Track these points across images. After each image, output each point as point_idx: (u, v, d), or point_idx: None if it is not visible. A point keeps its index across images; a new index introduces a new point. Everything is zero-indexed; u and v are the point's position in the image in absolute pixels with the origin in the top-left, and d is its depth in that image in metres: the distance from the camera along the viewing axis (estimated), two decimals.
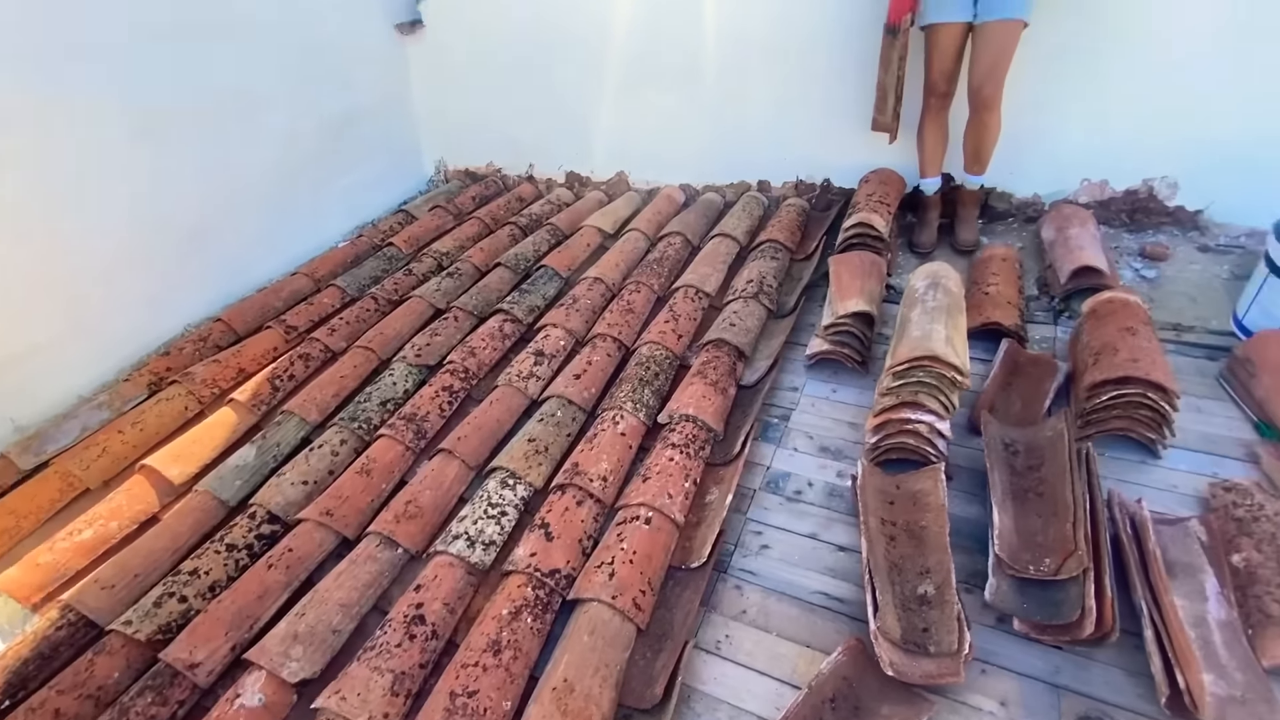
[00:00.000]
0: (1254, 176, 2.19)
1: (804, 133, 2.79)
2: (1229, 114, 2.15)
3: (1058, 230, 2.24)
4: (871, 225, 2.26)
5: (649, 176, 3.15)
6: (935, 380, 1.54)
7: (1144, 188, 2.37)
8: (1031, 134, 2.40)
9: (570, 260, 2.61)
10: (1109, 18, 2.17)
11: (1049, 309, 2.13)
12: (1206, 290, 2.11)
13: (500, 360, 2.17)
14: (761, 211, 2.82)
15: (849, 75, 2.54)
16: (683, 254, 2.59)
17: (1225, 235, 2.29)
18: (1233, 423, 1.68)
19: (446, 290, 2.51)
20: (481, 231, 2.97)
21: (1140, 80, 2.23)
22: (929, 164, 2.44)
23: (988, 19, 2.08)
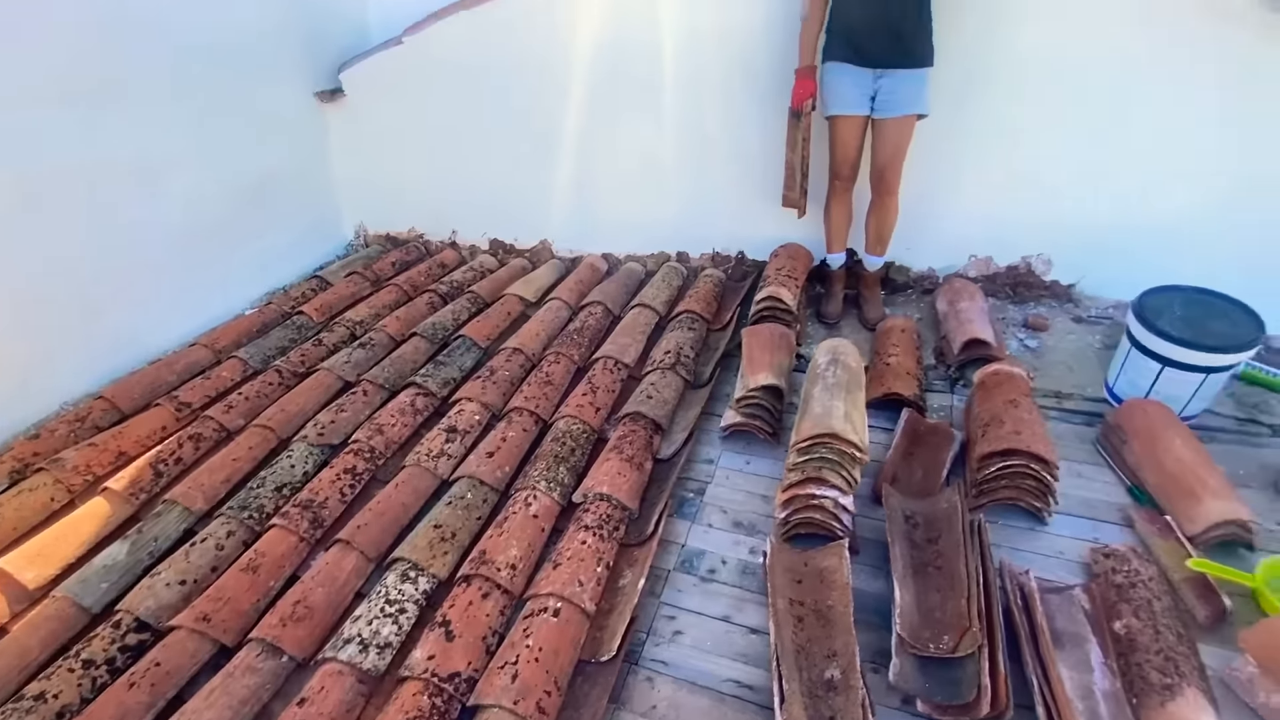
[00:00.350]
0: (1114, 255, 2.44)
1: (720, 207, 2.92)
2: (1085, 200, 2.41)
3: (950, 303, 2.41)
4: (780, 299, 2.36)
5: (572, 245, 3.20)
6: (837, 456, 1.59)
7: (1023, 264, 2.59)
8: (926, 214, 2.60)
9: (490, 330, 2.58)
10: (989, 113, 2.42)
11: (945, 378, 2.26)
12: (1082, 359, 2.30)
13: (411, 437, 2.09)
14: (680, 282, 2.90)
15: (761, 154, 2.68)
16: (603, 323, 2.62)
17: (1096, 307, 2.52)
18: (1110, 487, 1.81)
19: (357, 362, 2.42)
20: (399, 299, 2.91)
21: (1015, 168, 2.47)
22: (834, 241, 2.59)
23: (885, 115, 2.28)
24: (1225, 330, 1.86)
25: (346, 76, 3.13)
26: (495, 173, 3.13)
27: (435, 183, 3.24)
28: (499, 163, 3.11)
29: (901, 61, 2.19)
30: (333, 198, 3.40)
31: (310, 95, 3.16)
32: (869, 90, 2.26)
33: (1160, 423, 1.79)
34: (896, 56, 2.19)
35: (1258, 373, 2.13)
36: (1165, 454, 1.71)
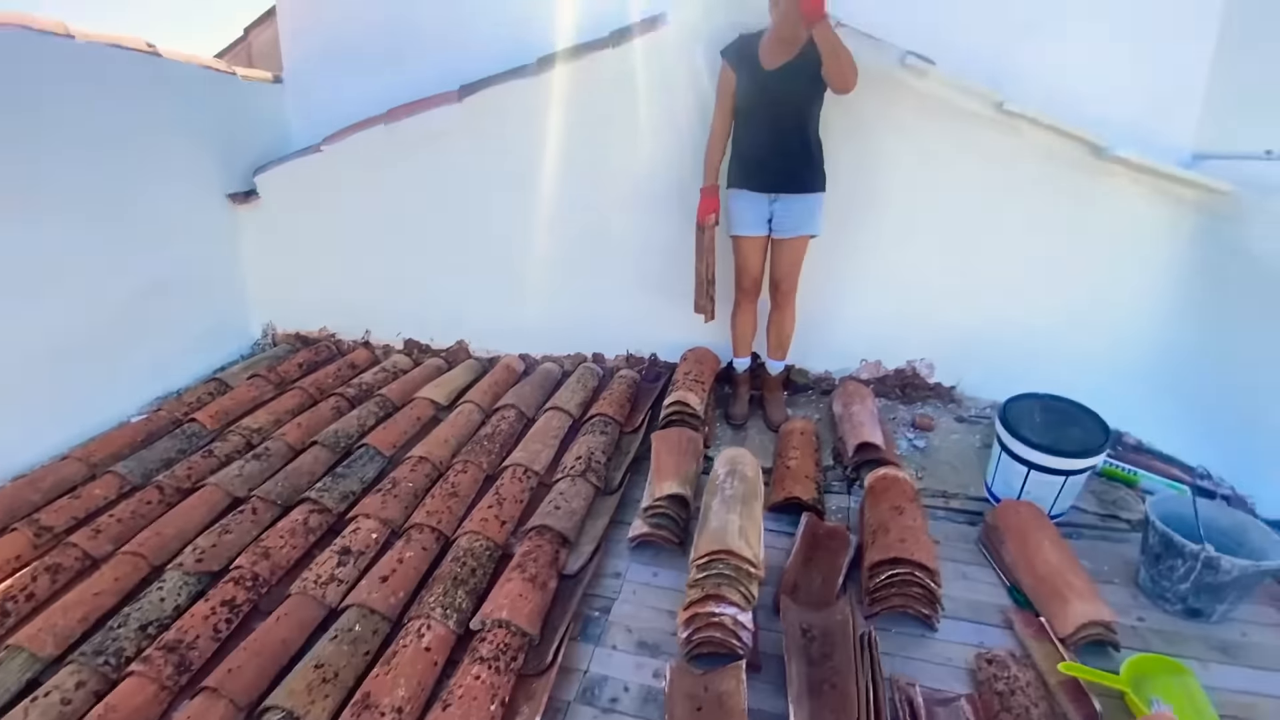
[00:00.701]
0: (984, 360, 2.70)
1: (634, 310, 3.04)
2: (957, 311, 2.69)
3: (844, 406, 2.56)
4: (688, 404, 2.44)
5: (489, 345, 3.22)
6: (734, 572, 1.62)
7: (909, 367, 2.81)
8: (822, 321, 2.81)
9: (397, 436, 2.52)
10: (871, 232, 2.71)
11: (843, 479, 2.36)
12: (965, 458, 2.47)
13: (301, 560, 1.97)
14: (595, 383, 2.95)
15: (672, 262, 2.85)
16: (516, 427, 2.61)
17: (975, 407, 2.74)
18: (993, 589, 1.91)
19: (250, 475, 2.29)
20: (304, 403, 2.81)
21: (895, 282, 2.74)
22: (740, 346, 2.74)
23: (781, 235, 2.49)
24: (1079, 436, 2.06)
25: (262, 179, 3.14)
26: (412, 273, 3.16)
27: (350, 283, 3.23)
28: (416, 264, 3.15)
29: (793, 188, 2.44)
30: (241, 297, 3.32)
31: (222, 196, 3.14)
32: (766, 213, 2.49)
33: (1031, 524, 1.93)
34: (789, 183, 2.43)
35: (1115, 469, 2.34)
36: (1036, 555, 1.83)
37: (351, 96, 3.07)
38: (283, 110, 3.34)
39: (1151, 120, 2.58)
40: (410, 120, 2.91)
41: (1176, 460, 2.46)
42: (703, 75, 2.60)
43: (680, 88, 2.66)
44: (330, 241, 3.19)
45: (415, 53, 3.07)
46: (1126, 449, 2.53)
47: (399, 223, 3.09)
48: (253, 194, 3.17)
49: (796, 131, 2.38)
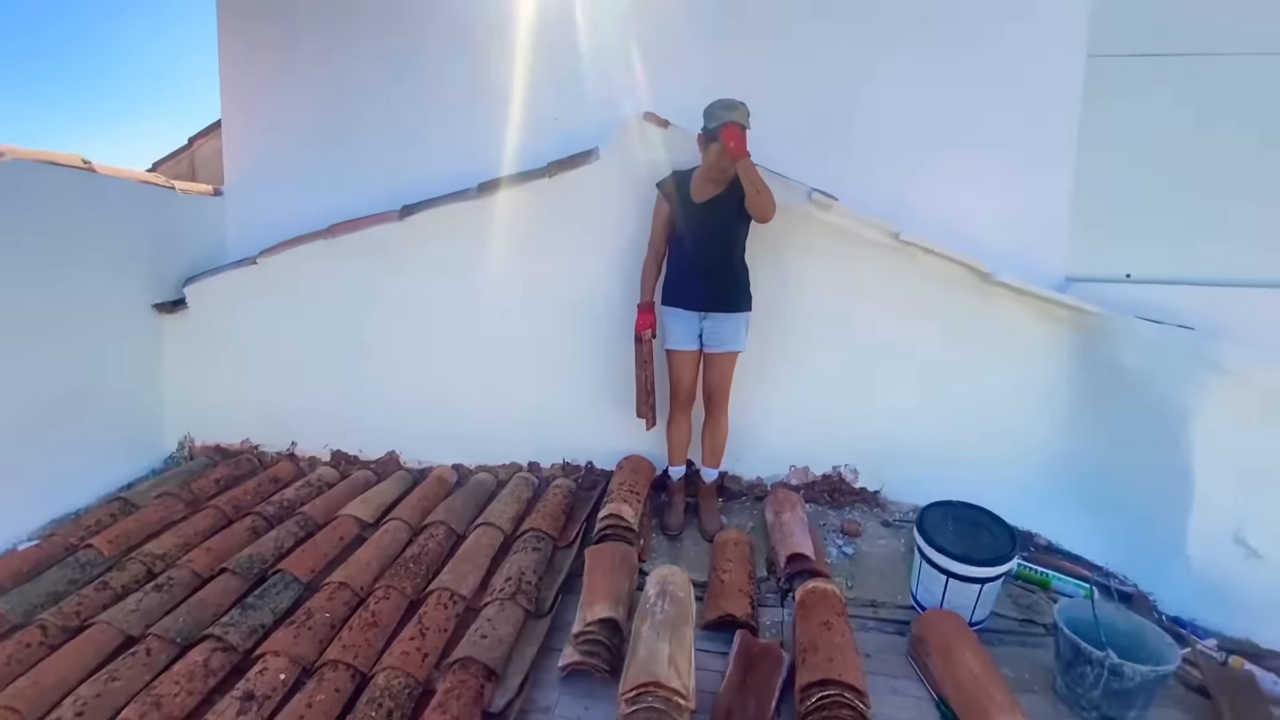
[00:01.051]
0: (902, 466, 2.84)
1: (570, 418, 3.09)
2: (874, 420, 2.87)
3: (775, 514, 2.62)
4: (622, 516, 2.44)
5: (422, 455, 3.16)
6: (664, 705, 1.58)
7: (835, 473, 2.93)
8: (753, 428, 2.93)
9: (316, 560, 2.40)
10: (792, 347, 2.92)
11: (777, 590, 2.38)
12: (891, 564, 2.54)
13: (197, 709, 1.79)
14: (530, 493, 2.92)
15: (608, 371, 2.96)
16: (445, 546, 2.53)
17: (899, 512, 2.85)
18: (922, 704, 1.91)
19: (148, 609, 2.11)
20: (217, 524, 2.65)
21: (818, 390, 2.91)
22: (675, 454, 2.81)
23: (710, 350, 2.63)
24: (989, 542, 2.17)
25: (192, 290, 3.11)
26: (343, 383, 3.13)
27: (277, 393, 3.16)
28: (348, 374, 3.13)
29: (721, 307, 2.62)
30: (157, 408, 3.18)
31: (147, 307, 3.07)
32: (697, 329, 2.64)
33: (954, 635, 1.98)
34: (717, 303, 2.61)
35: (1028, 571, 2.46)
36: (959, 668, 1.87)
37: (292, 212, 3.14)
38: (221, 223, 3.38)
39: (1027, 247, 2.94)
40: (351, 236, 2.99)
41: (1083, 560, 2.61)
42: (632, 205, 2.82)
43: (612, 214, 2.86)
44: (259, 351, 3.14)
45: (358, 173, 3.21)
46: (1038, 550, 2.67)
47: (332, 334, 3.09)
48: (180, 304, 3.12)
49: (724, 256, 2.60)
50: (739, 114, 2.36)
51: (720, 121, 2.35)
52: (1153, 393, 2.51)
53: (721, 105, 2.38)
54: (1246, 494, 2.36)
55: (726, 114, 2.34)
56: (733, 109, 2.36)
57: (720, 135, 2.34)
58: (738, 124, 2.33)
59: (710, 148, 2.43)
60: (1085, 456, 2.77)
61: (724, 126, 2.33)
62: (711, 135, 2.39)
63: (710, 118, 2.40)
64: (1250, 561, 2.36)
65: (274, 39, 3.23)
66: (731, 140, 2.32)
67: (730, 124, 2.33)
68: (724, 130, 2.33)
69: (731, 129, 2.32)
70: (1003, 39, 2.93)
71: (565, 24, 3.05)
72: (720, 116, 2.35)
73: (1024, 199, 2.99)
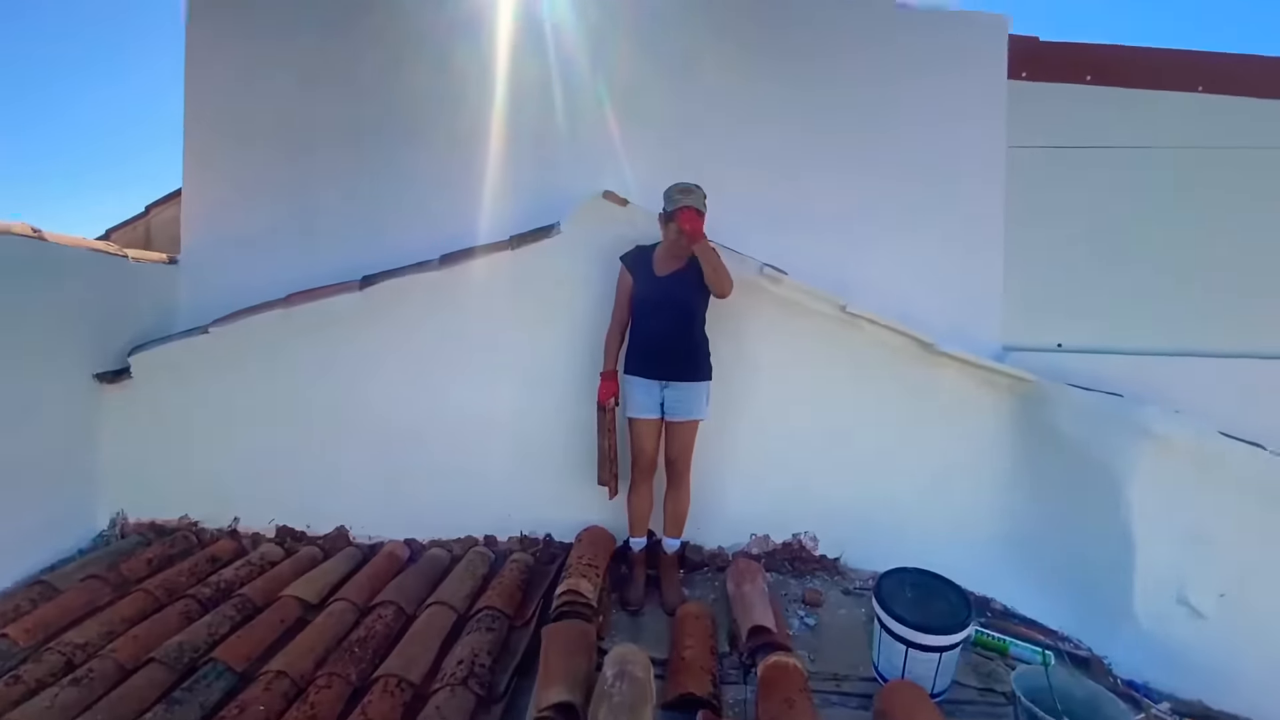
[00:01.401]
0: (859, 532, 2.87)
1: (530, 490, 3.03)
2: (830, 487, 2.91)
3: (736, 585, 2.59)
4: (580, 592, 2.38)
5: (373, 530, 3.04)
6: None
7: (795, 541, 2.94)
8: (714, 498, 2.93)
9: (253, 647, 2.25)
10: (753, 417, 2.97)
11: (739, 665, 2.32)
12: (853, 635, 2.52)
13: None
14: (486, 569, 2.83)
15: (569, 443, 2.95)
16: (394, 628, 2.41)
17: (859, 579, 2.85)
18: None
19: (64, 705, 1.93)
20: (147, 608, 2.47)
21: (774, 460, 2.95)
22: (636, 525, 2.78)
23: (672, 418, 2.67)
24: (945, 610, 2.18)
25: (137, 359, 3.01)
26: (292, 456, 3.02)
27: (221, 466, 3.02)
28: (297, 446, 3.03)
29: (682, 376, 2.68)
30: (90, 483, 3.00)
31: (88, 377, 2.96)
32: (658, 398, 2.68)
33: (916, 707, 1.95)
34: (678, 372, 2.67)
35: (986, 638, 2.47)
36: None
37: (250, 282, 3.11)
38: (174, 291, 3.31)
39: (966, 320, 3.11)
40: (309, 305, 2.97)
41: (1039, 624, 2.64)
42: (591, 278, 2.90)
43: (572, 287, 2.94)
44: (204, 424, 3.03)
45: (320, 244, 3.22)
46: (994, 615, 2.69)
47: (283, 405, 3.01)
48: (124, 374, 3.01)
49: (685, 327, 2.68)
50: (694, 198, 2.51)
51: (676, 205, 2.49)
52: (1089, 457, 2.63)
53: (678, 189, 2.54)
54: (1185, 555, 2.45)
55: (682, 198, 2.50)
56: (688, 193, 2.51)
57: (677, 219, 2.47)
58: (694, 209, 2.47)
59: (669, 227, 2.56)
60: (1032, 519, 2.85)
61: (680, 211, 2.47)
62: (670, 216, 2.53)
63: (668, 200, 2.55)
64: (1195, 622, 2.42)
65: (240, 108, 3.27)
66: (688, 224, 2.46)
67: (686, 209, 2.47)
68: (680, 215, 2.47)
69: (688, 214, 2.46)
70: (931, 130, 3.21)
71: (532, 105, 3.21)
72: (676, 200, 2.51)
73: (960, 275, 3.20)
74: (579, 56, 3.22)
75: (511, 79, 3.22)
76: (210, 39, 3.24)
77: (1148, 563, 2.46)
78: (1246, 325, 3.25)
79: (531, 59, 3.21)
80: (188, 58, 3.24)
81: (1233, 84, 3.32)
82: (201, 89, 3.26)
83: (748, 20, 3.23)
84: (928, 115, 3.23)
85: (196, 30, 3.23)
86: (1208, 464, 2.48)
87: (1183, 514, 2.47)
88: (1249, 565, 2.42)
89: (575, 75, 3.22)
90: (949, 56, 3.25)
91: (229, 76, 3.26)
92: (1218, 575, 2.43)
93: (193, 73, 3.26)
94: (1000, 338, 3.15)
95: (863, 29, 3.25)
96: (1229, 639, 2.35)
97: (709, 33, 3.22)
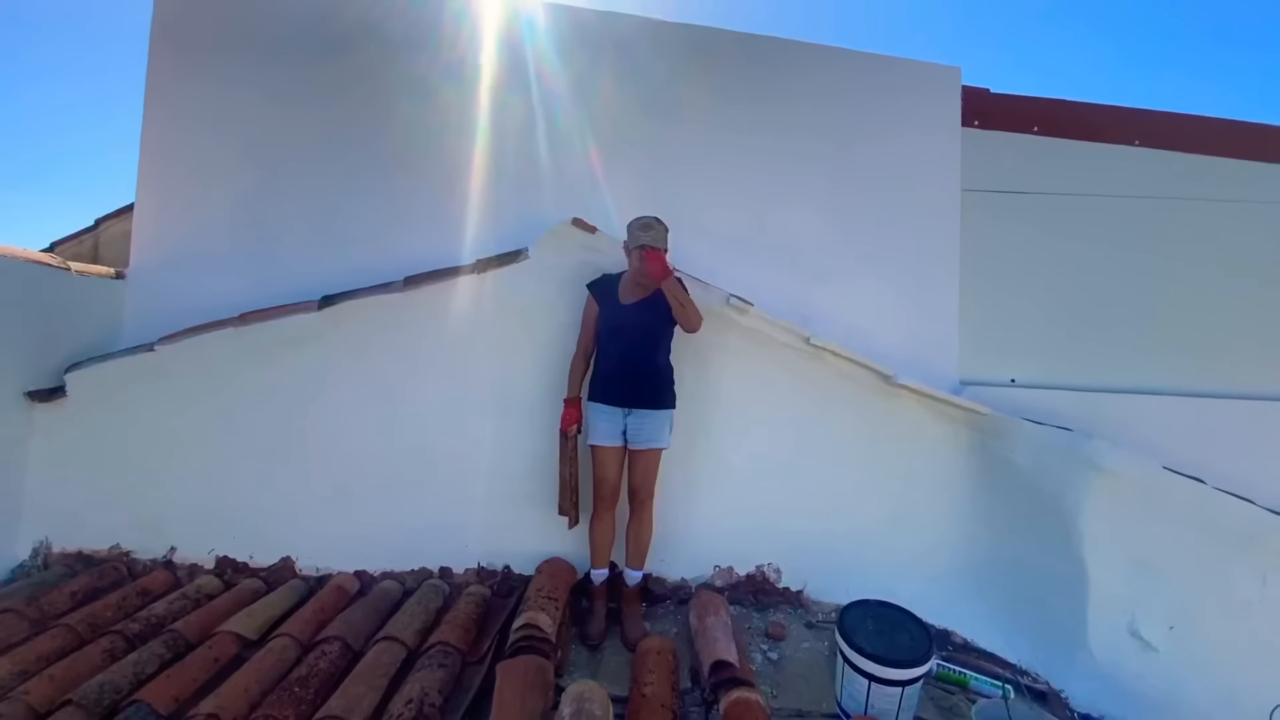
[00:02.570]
0: (825, 563, 2.86)
1: (488, 520, 2.94)
2: (790, 517, 2.91)
3: (699, 618, 2.54)
4: (538, 625, 2.29)
5: (321, 562, 2.89)
6: None
7: (759, 572, 2.91)
8: (676, 529, 2.90)
9: (182, 687, 2.09)
10: (713, 446, 2.95)
11: (701, 702, 2.26)
12: (816, 669, 2.49)
13: None
14: (440, 602, 2.71)
15: (530, 471, 2.89)
16: (339, 666, 2.27)
17: (821, 612, 2.83)
18: None
19: None
20: (66, 646, 2.29)
21: (738, 488, 2.94)
22: (598, 556, 2.72)
23: (634, 446, 2.64)
24: (906, 643, 2.17)
25: (74, 377, 2.85)
26: (234, 482, 2.87)
27: (156, 493, 2.85)
28: (243, 471, 2.88)
29: (645, 404, 2.66)
30: (12, 509, 2.79)
31: (18, 395, 2.78)
32: (621, 425, 2.65)
33: None
34: (641, 400, 2.66)
35: (947, 672, 2.46)
36: None
37: (201, 301, 2.99)
38: (120, 308, 3.16)
39: (924, 354, 3.19)
40: (263, 325, 2.87)
41: (998, 657, 2.65)
42: (557, 304, 2.89)
43: (537, 313, 2.92)
44: (142, 447, 2.86)
45: (280, 265, 3.12)
46: (955, 648, 2.69)
47: (230, 428, 2.87)
48: (58, 392, 2.85)
49: (649, 356, 2.68)
50: (655, 234, 2.54)
51: (639, 243, 2.52)
52: (1042, 488, 2.70)
53: (639, 225, 2.57)
54: (1135, 586, 2.51)
55: (643, 235, 2.53)
56: (649, 229, 2.55)
57: (643, 262, 2.49)
58: (656, 248, 2.49)
59: (633, 255, 2.57)
60: (990, 551, 2.89)
61: (645, 251, 2.49)
62: (634, 249, 2.55)
63: (630, 235, 2.57)
64: (1147, 654, 2.47)
65: (202, 122, 3.17)
66: (653, 263, 2.48)
67: (650, 250, 2.49)
68: (646, 257, 2.49)
69: (653, 255, 2.49)
70: (890, 173, 3.34)
71: (504, 131, 3.21)
72: (638, 238, 2.54)
73: (918, 311, 3.29)
74: (559, 90, 3.26)
75: (489, 102, 3.21)
76: (175, 53, 3.17)
77: (1100, 594, 2.51)
78: (1189, 364, 3.41)
79: (509, 84, 3.23)
80: (149, 73, 3.16)
81: (1165, 139, 3.55)
82: (162, 103, 3.17)
83: (719, 65, 3.33)
84: (887, 158, 3.36)
85: (160, 44, 3.16)
86: (1152, 497, 2.56)
87: (1131, 546, 2.54)
88: (1193, 596, 2.49)
89: (555, 107, 3.24)
90: (907, 103, 3.40)
91: (192, 92, 3.18)
92: (1166, 607, 2.49)
93: (154, 86, 3.17)
94: (957, 372, 3.23)
95: (826, 76, 3.38)
96: (1178, 670, 2.40)
97: (684, 78, 3.30)
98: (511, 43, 3.25)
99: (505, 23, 3.27)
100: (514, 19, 3.27)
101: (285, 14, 3.19)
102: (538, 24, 3.28)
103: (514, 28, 3.27)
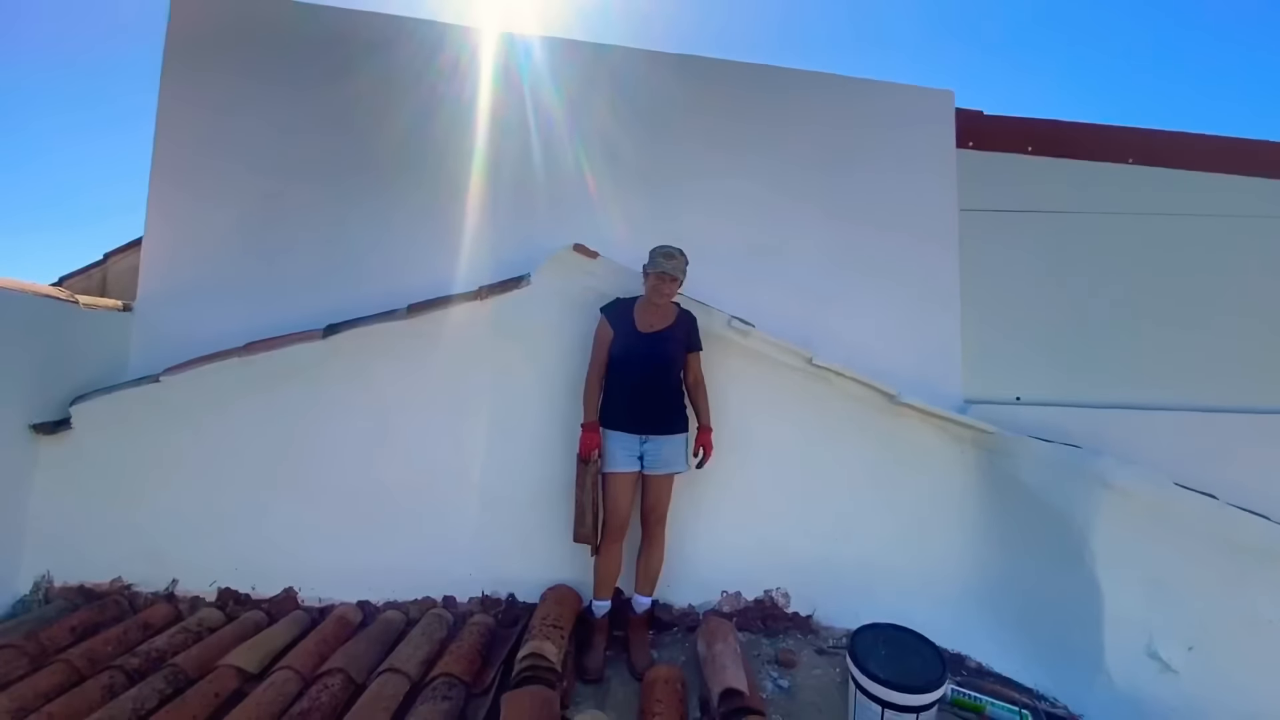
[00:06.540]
0: (834, 587, 2.82)
1: (492, 547, 2.91)
2: (800, 543, 2.88)
3: (707, 645, 2.49)
4: (544, 655, 2.26)
5: (324, 592, 2.86)
6: None
7: (767, 598, 2.86)
8: (684, 554, 2.88)
9: None
10: (724, 472, 2.90)
11: None
12: (828, 697, 2.43)
13: None
14: (444, 632, 2.67)
15: (537, 496, 2.88)
16: (341, 699, 2.23)
17: (832, 638, 2.77)
18: None
19: None
20: (65, 681, 2.25)
21: (746, 516, 2.93)
22: (602, 586, 2.67)
23: (650, 472, 2.64)
24: (919, 667, 2.12)
25: (79, 409, 2.86)
26: (236, 513, 2.86)
27: (158, 525, 2.83)
28: (244, 503, 2.87)
29: (660, 429, 2.65)
30: (14, 542, 2.77)
31: (23, 427, 2.79)
32: (637, 451, 2.64)
33: None
34: (657, 426, 2.65)
35: (963, 699, 2.40)
36: None
37: (207, 332, 3.02)
38: (127, 341, 3.19)
39: (928, 373, 3.18)
40: (268, 355, 2.89)
41: (1014, 682, 2.59)
42: (560, 329, 2.90)
43: (540, 339, 2.93)
44: (145, 478, 2.85)
45: (286, 295, 3.15)
46: (970, 674, 2.63)
47: (234, 459, 2.87)
48: (63, 424, 2.85)
49: (664, 382, 2.69)
50: (675, 264, 2.58)
51: (660, 270, 2.55)
52: (1052, 507, 2.66)
53: (663, 254, 2.60)
54: (1151, 606, 2.46)
55: (666, 263, 2.56)
56: (670, 259, 2.59)
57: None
58: (671, 274, 2.56)
59: (649, 278, 2.62)
60: (1002, 572, 2.84)
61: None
62: (654, 271, 2.59)
63: (652, 262, 2.62)
64: (1167, 676, 2.41)
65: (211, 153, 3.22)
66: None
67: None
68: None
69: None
70: (889, 194, 3.38)
71: (510, 159, 3.27)
72: (660, 264, 2.57)
73: (921, 330, 3.29)
74: (557, 115, 3.32)
75: (490, 130, 3.28)
76: (184, 86, 3.24)
77: (1116, 615, 2.46)
78: (1195, 379, 3.39)
79: (508, 112, 3.30)
80: (160, 103, 3.22)
81: (1158, 156, 3.59)
82: (173, 134, 3.22)
83: (718, 95, 3.40)
84: (886, 180, 3.40)
85: (171, 76, 3.23)
86: (1164, 514, 2.52)
87: (1144, 564, 2.50)
88: (1211, 615, 2.44)
89: (553, 132, 3.31)
90: (903, 126, 3.46)
91: (202, 122, 3.24)
92: (1184, 627, 2.44)
93: (164, 118, 3.23)
94: (962, 391, 3.22)
95: (823, 103, 3.44)
96: (1199, 692, 2.34)
97: (682, 107, 3.36)
98: (510, 73, 3.33)
99: (503, 54, 3.35)
100: (512, 50, 3.35)
101: (292, 46, 3.27)
102: (535, 55, 3.37)
103: (512, 59, 3.35)
